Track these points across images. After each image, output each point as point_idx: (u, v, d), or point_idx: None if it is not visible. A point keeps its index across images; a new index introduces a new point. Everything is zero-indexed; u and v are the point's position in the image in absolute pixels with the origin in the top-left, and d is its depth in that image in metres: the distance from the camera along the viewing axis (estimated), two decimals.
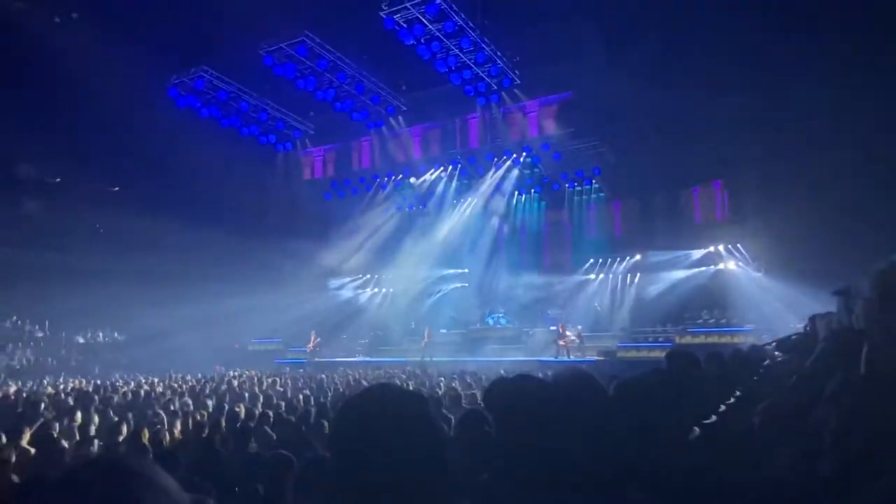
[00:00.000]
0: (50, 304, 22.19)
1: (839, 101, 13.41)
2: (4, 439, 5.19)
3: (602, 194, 22.88)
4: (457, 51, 19.05)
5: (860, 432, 1.37)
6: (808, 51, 13.93)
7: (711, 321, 18.46)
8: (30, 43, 18.79)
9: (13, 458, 4.63)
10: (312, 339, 22.55)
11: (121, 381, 14.58)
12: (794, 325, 12.65)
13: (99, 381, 14.51)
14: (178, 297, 22.10)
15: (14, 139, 21.14)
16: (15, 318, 23.75)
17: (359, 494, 1.05)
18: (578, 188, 23.29)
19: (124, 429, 6.18)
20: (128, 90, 18.97)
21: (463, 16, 18.01)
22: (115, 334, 25.52)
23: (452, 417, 5.08)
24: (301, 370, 17.85)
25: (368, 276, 26.79)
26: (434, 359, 19.44)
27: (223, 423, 6.48)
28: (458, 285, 25.09)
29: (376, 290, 26.69)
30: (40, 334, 23.67)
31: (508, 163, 22.89)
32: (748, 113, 15.75)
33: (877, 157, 13.47)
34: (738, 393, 3.36)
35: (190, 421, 7.09)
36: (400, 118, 24.35)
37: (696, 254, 20.41)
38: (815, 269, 13.38)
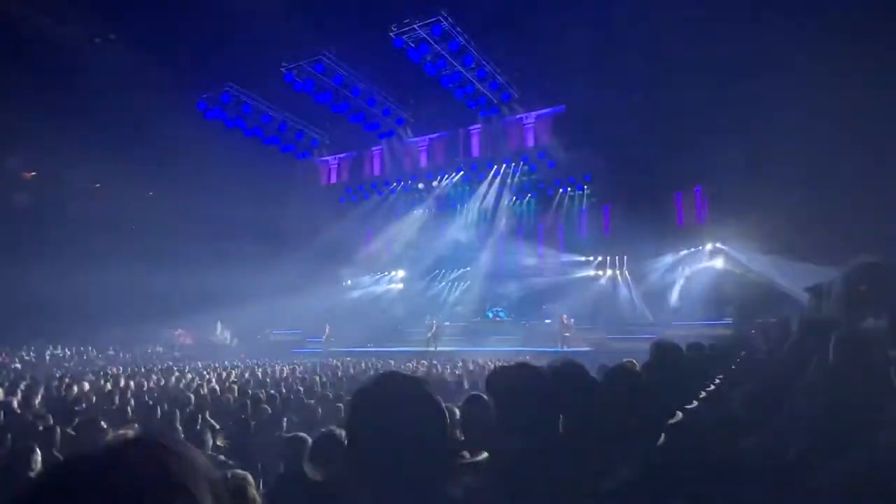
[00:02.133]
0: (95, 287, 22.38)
1: (816, 108, 13.28)
2: (52, 421, 5.23)
3: (593, 199, 22.81)
4: (460, 68, 19.07)
5: (825, 414, 1.37)
6: (786, 60, 13.81)
7: (696, 315, 18.37)
8: (74, 62, 18.93)
9: (58, 439, 4.66)
10: (327, 331, 22.60)
11: (155, 368, 14.69)
12: (767, 318, 12.61)
13: (136, 367, 14.60)
14: (209, 293, 22.20)
15: (60, 149, 21.36)
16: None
17: (372, 465, 1.07)
18: (571, 193, 23.22)
19: (158, 412, 6.22)
20: (161, 104, 19.08)
21: (466, 36, 18.03)
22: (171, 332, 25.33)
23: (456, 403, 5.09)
24: (317, 360, 17.89)
25: (379, 273, 26.82)
26: (439, 349, 19.46)
27: (249, 407, 6.52)
28: (462, 282, 25.11)
29: (386, 286, 26.71)
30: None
31: (507, 170, 22.89)
32: (728, 122, 15.65)
33: (847, 160, 13.35)
34: (718, 380, 3.35)
35: (218, 405, 7.13)
36: (408, 129, 24.37)
37: (680, 253, 20.33)
38: (793, 268, 13.31)
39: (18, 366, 15.53)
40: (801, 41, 13.09)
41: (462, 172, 23.92)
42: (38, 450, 3.72)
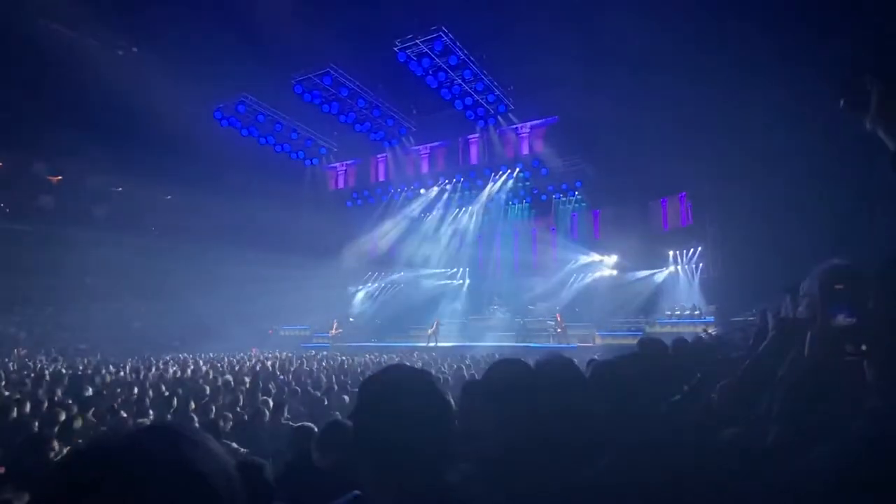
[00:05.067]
0: (119, 281, 22.27)
1: (790, 121, 13.28)
2: (76, 409, 5.22)
3: (584, 204, 22.81)
4: (460, 81, 19.07)
5: (801, 406, 1.37)
6: (760, 76, 13.83)
7: (677, 313, 18.38)
8: (98, 72, 18.93)
9: (80, 426, 4.66)
10: (334, 326, 22.58)
11: (171, 360, 14.67)
12: (745, 317, 12.61)
13: (153, 359, 14.58)
14: (224, 290, 22.19)
15: (84, 157, 21.34)
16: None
17: (377, 454, 1.07)
18: (563, 199, 23.22)
19: (175, 402, 6.21)
20: (179, 113, 19.10)
21: (465, 51, 18.05)
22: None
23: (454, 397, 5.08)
24: (325, 353, 17.88)
25: (384, 273, 26.79)
26: (440, 344, 19.45)
27: (259, 398, 6.51)
28: (461, 282, 25.11)
29: (390, 285, 26.69)
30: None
31: (503, 177, 22.91)
32: (708, 134, 15.65)
33: (823, 173, 13.34)
34: (699, 375, 3.35)
35: (231, 396, 7.12)
36: (411, 138, 24.37)
37: (664, 255, 20.31)
38: (764, 271, 13.27)
39: (44, 359, 15.49)
40: (778, 53, 13.11)
41: (462, 179, 23.92)
42: (55, 438, 3.71)
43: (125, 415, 5.19)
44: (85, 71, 19.05)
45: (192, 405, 5.92)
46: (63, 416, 4.79)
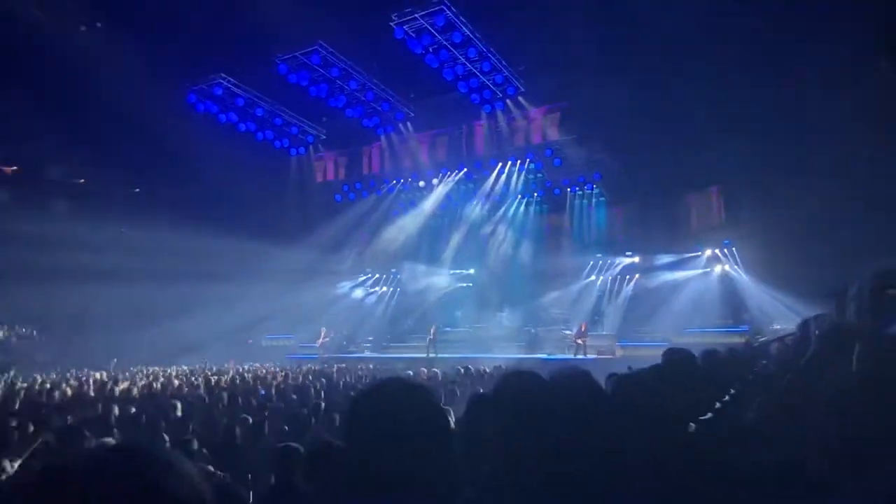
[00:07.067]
0: (82, 302, 22.34)
1: (834, 111, 13.28)
2: (32, 428, 5.23)
3: (602, 199, 22.79)
4: (464, 60, 19.06)
5: (850, 430, 1.36)
6: (803, 63, 13.83)
7: (707, 322, 18.33)
8: (58, 51, 18.96)
9: (37, 447, 4.66)
10: (322, 334, 22.61)
11: (140, 374, 14.70)
12: (786, 326, 12.59)
13: (119, 373, 14.62)
14: (197, 295, 22.23)
15: (41, 143, 21.37)
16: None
17: (371, 480, 1.06)
18: (580, 192, 23.19)
19: (143, 419, 6.22)
20: (149, 96, 19.11)
21: (470, 27, 18.03)
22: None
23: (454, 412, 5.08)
24: (312, 365, 17.90)
25: (377, 275, 26.80)
26: (440, 356, 19.44)
27: (238, 416, 6.51)
28: (464, 285, 25.10)
29: (384, 288, 26.71)
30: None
31: (513, 168, 22.91)
32: (743, 122, 15.64)
33: (867, 170, 13.32)
34: (733, 391, 3.34)
35: (206, 413, 7.12)
36: (409, 124, 24.36)
37: (692, 256, 20.28)
38: (805, 274, 13.27)
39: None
40: (815, 40, 13.12)
41: (465, 170, 23.92)
42: (11, 458, 3.72)
43: (87, 434, 5.20)
44: (42, 50, 19.08)
45: (163, 423, 5.93)
46: (16, 435, 4.80)
